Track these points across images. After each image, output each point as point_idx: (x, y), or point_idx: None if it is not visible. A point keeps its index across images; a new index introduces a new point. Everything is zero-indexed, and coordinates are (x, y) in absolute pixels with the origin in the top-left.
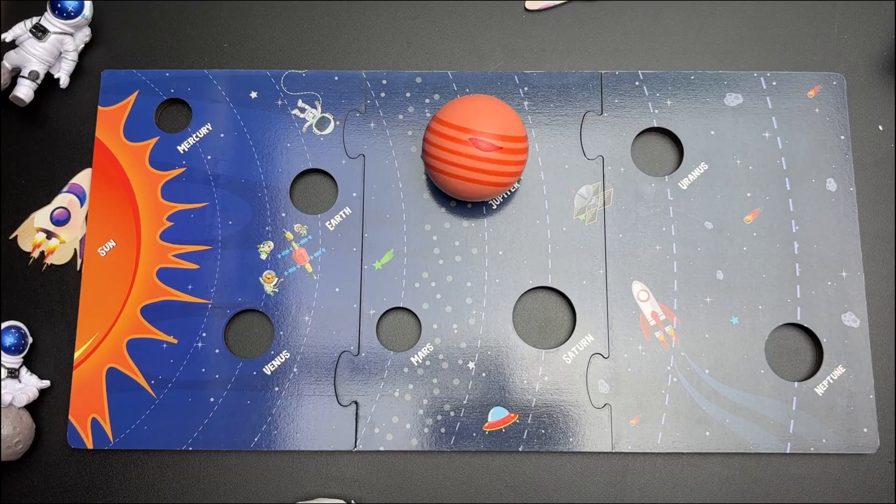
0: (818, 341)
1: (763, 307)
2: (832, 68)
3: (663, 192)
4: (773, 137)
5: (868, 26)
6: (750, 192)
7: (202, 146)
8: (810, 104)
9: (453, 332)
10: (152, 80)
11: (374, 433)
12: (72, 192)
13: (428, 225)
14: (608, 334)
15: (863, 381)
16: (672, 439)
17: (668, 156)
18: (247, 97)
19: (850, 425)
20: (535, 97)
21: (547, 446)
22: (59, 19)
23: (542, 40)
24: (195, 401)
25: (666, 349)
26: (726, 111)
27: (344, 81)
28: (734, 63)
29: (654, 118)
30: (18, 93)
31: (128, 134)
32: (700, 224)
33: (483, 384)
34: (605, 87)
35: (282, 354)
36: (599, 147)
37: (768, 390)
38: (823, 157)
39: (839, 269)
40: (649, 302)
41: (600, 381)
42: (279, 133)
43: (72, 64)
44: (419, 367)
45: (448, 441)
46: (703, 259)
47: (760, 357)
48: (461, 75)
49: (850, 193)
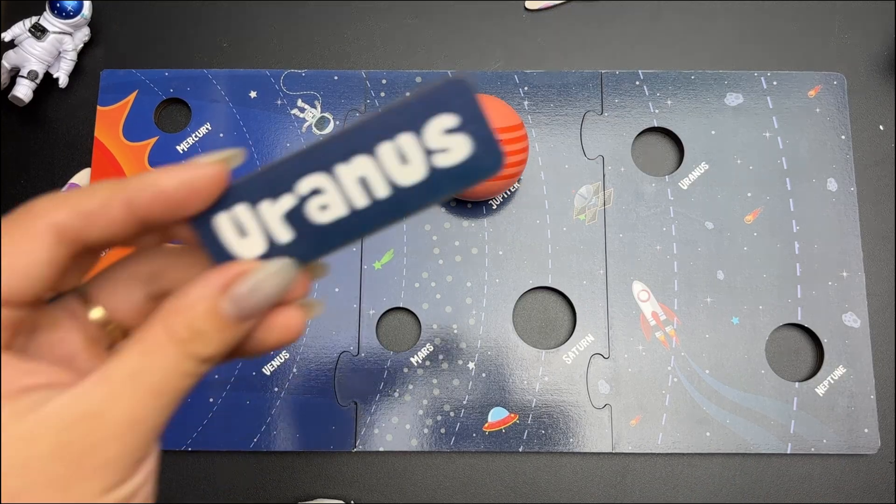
0: (819, 341)
1: (763, 307)
2: (833, 68)
3: (664, 192)
4: (774, 137)
5: (869, 26)
6: (750, 192)
7: (202, 146)
8: (811, 104)
9: (453, 332)
10: (151, 79)
11: (373, 434)
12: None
13: (428, 225)
14: (608, 334)
15: (863, 382)
16: (672, 440)
17: (668, 155)
18: (246, 97)
19: (851, 425)
20: (535, 97)
21: (547, 447)
22: (58, 19)
23: (542, 40)
24: (194, 401)
25: (666, 349)
26: (727, 111)
27: (344, 81)
28: (735, 63)
29: (655, 118)
30: (17, 92)
31: (127, 134)
32: (700, 224)
33: (483, 384)
34: (605, 86)
35: (281, 355)
36: (600, 147)
37: (769, 391)
38: (824, 156)
39: (840, 269)
40: (650, 302)
41: (600, 381)
42: (279, 133)
43: (71, 63)
44: (419, 367)
45: (448, 442)
46: (704, 259)
47: (761, 357)
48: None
49: (850, 193)
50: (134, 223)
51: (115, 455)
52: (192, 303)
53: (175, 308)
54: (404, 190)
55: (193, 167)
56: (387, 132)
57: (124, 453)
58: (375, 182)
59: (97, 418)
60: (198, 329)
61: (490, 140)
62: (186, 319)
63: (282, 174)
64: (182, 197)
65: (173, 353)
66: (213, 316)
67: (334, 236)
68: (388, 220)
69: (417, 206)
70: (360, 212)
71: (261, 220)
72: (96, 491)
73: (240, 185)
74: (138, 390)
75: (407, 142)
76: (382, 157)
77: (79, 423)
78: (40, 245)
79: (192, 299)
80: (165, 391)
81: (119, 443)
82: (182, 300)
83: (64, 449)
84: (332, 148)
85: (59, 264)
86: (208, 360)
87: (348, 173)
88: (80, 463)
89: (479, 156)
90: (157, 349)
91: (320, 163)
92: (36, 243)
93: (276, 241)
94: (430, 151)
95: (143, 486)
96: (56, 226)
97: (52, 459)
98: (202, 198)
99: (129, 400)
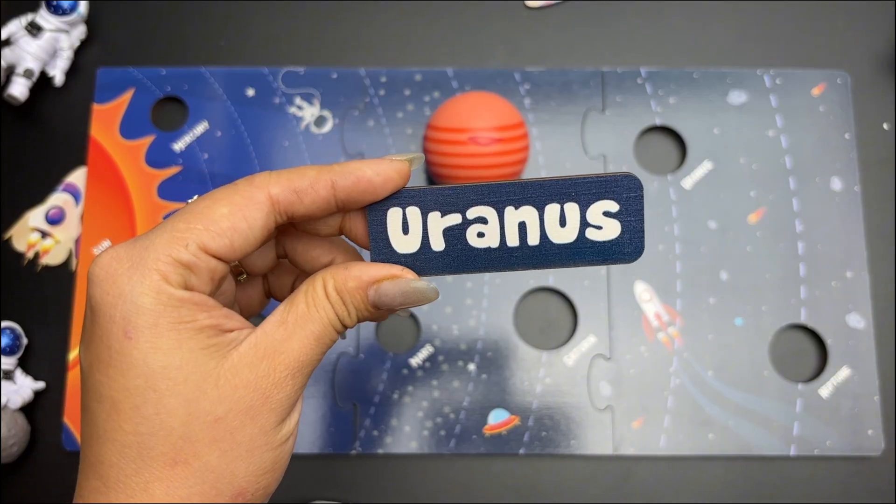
0: (823, 342)
1: (767, 308)
2: (837, 66)
3: (666, 192)
4: (778, 136)
5: (874, 24)
6: (754, 192)
7: (199, 144)
8: (815, 102)
9: (453, 333)
10: (148, 77)
11: (372, 436)
12: (67, 191)
13: None
14: (610, 335)
15: (868, 383)
16: (675, 442)
17: (670, 154)
18: (244, 95)
19: (855, 427)
20: (537, 95)
21: (548, 449)
22: (54, 16)
23: (543, 37)
24: None
25: (669, 351)
26: (730, 109)
27: (342, 79)
28: (738, 60)
29: (657, 116)
30: (13, 91)
31: (123, 132)
32: (703, 224)
33: (483, 386)
34: (606, 84)
35: None
36: (601, 145)
37: (772, 392)
38: (828, 155)
39: (844, 270)
40: (652, 303)
41: (602, 382)
42: (277, 131)
43: (67, 62)
44: (419, 368)
45: (448, 444)
46: (707, 259)
47: (764, 358)
48: (461, 73)
49: (854, 192)
50: (334, 203)
51: (290, 392)
52: (349, 277)
53: (335, 275)
54: (551, 245)
55: (387, 161)
56: (560, 197)
57: (295, 391)
58: (532, 230)
59: (280, 355)
60: (345, 300)
61: (638, 234)
62: (340, 288)
63: (461, 196)
64: (378, 184)
65: (328, 307)
66: (359, 296)
67: (477, 261)
68: (525, 265)
69: (555, 262)
70: (508, 249)
71: (425, 226)
72: (273, 422)
73: (421, 192)
74: (306, 334)
75: (571, 210)
76: (547, 214)
77: (267, 357)
78: (259, 212)
79: (349, 275)
80: (323, 338)
81: (293, 381)
82: (341, 273)
83: (259, 380)
84: (511, 191)
85: (268, 231)
86: (346, 323)
87: (513, 216)
88: (268, 395)
89: (623, 242)
90: (318, 303)
91: (495, 199)
92: (256, 210)
93: (430, 247)
94: (586, 224)
95: (295, 430)
96: (273, 196)
97: (249, 390)
98: (390, 188)
99: (299, 341)
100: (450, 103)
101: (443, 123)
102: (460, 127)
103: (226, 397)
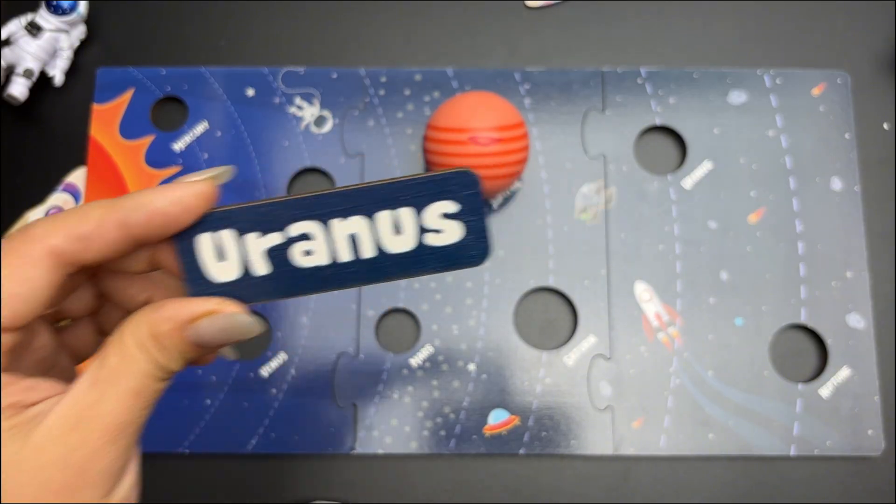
0: (823, 342)
1: (767, 308)
2: (837, 66)
3: (666, 191)
4: (778, 136)
5: (873, 24)
6: (754, 192)
7: (199, 144)
8: (815, 102)
9: (453, 333)
10: (148, 77)
11: (372, 436)
12: (67, 191)
13: None
14: (610, 336)
15: (868, 383)
16: (675, 442)
17: (671, 154)
18: (244, 95)
19: (855, 427)
20: (537, 95)
21: (548, 449)
22: (53, 16)
23: (543, 37)
24: (191, 403)
25: (669, 351)
26: (730, 109)
27: (343, 79)
28: (738, 60)
29: (657, 116)
30: (13, 91)
31: (123, 132)
32: (703, 224)
33: (483, 386)
34: (606, 84)
35: (279, 356)
36: (601, 145)
37: (772, 392)
38: (828, 155)
39: (844, 270)
40: (652, 303)
41: (602, 383)
42: (276, 131)
43: (66, 62)
44: (418, 368)
45: (448, 444)
46: (707, 259)
47: (764, 358)
48: (461, 73)
49: (854, 192)
50: (128, 242)
51: (112, 460)
52: (161, 320)
53: (148, 318)
54: (389, 256)
55: (184, 185)
56: (390, 202)
57: (118, 457)
58: (364, 242)
59: (93, 421)
60: (163, 344)
61: (482, 234)
62: (154, 333)
63: (279, 213)
64: (176, 214)
65: (143, 357)
66: (177, 337)
67: (307, 282)
68: (363, 280)
69: (395, 273)
70: (340, 265)
71: (243, 249)
72: (97, 496)
73: (233, 212)
74: (123, 391)
75: (406, 215)
76: (379, 223)
77: (80, 426)
78: (38, 270)
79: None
80: (143, 392)
81: (114, 447)
82: (153, 314)
83: (70, 455)
84: (334, 201)
85: (56, 287)
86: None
87: (342, 228)
88: (83, 469)
89: (467, 244)
90: (129, 353)
91: (318, 212)
92: (34, 269)
93: (252, 272)
94: (424, 229)
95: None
96: (53, 250)
97: (59, 468)
98: (192, 215)
99: (115, 401)
100: (450, 103)
101: (443, 123)
102: (460, 127)
103: (31, 482)
